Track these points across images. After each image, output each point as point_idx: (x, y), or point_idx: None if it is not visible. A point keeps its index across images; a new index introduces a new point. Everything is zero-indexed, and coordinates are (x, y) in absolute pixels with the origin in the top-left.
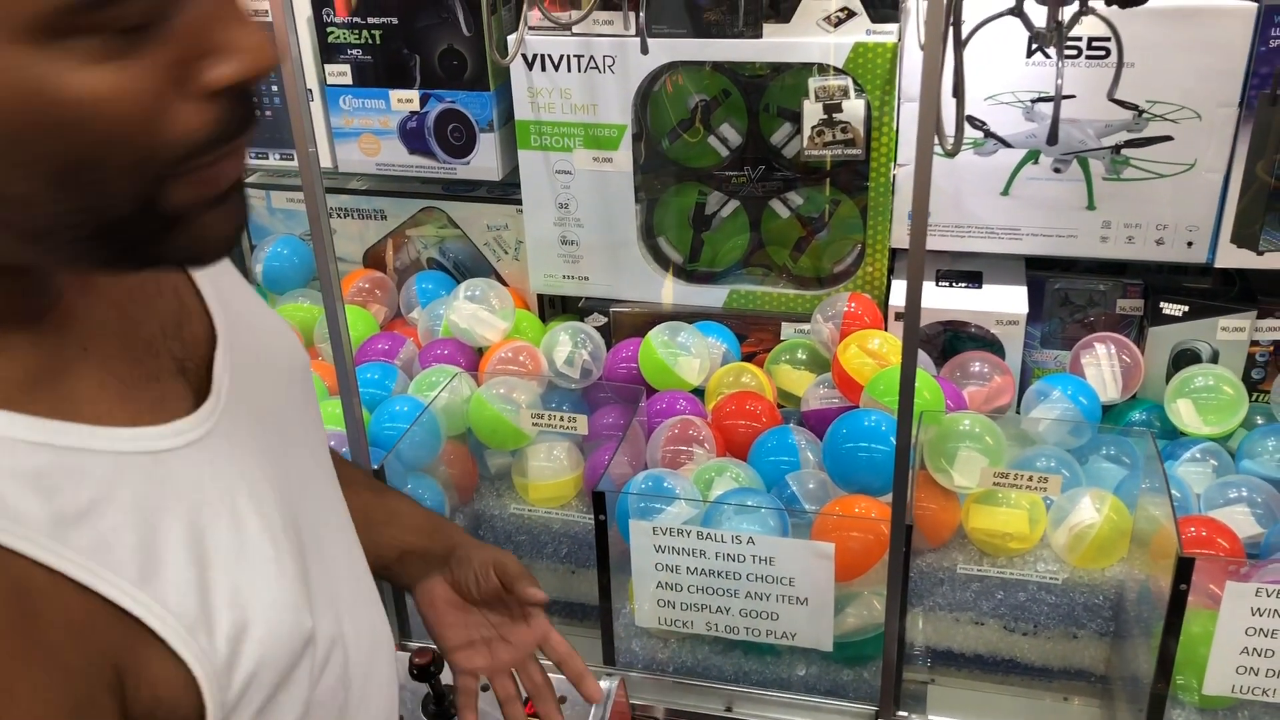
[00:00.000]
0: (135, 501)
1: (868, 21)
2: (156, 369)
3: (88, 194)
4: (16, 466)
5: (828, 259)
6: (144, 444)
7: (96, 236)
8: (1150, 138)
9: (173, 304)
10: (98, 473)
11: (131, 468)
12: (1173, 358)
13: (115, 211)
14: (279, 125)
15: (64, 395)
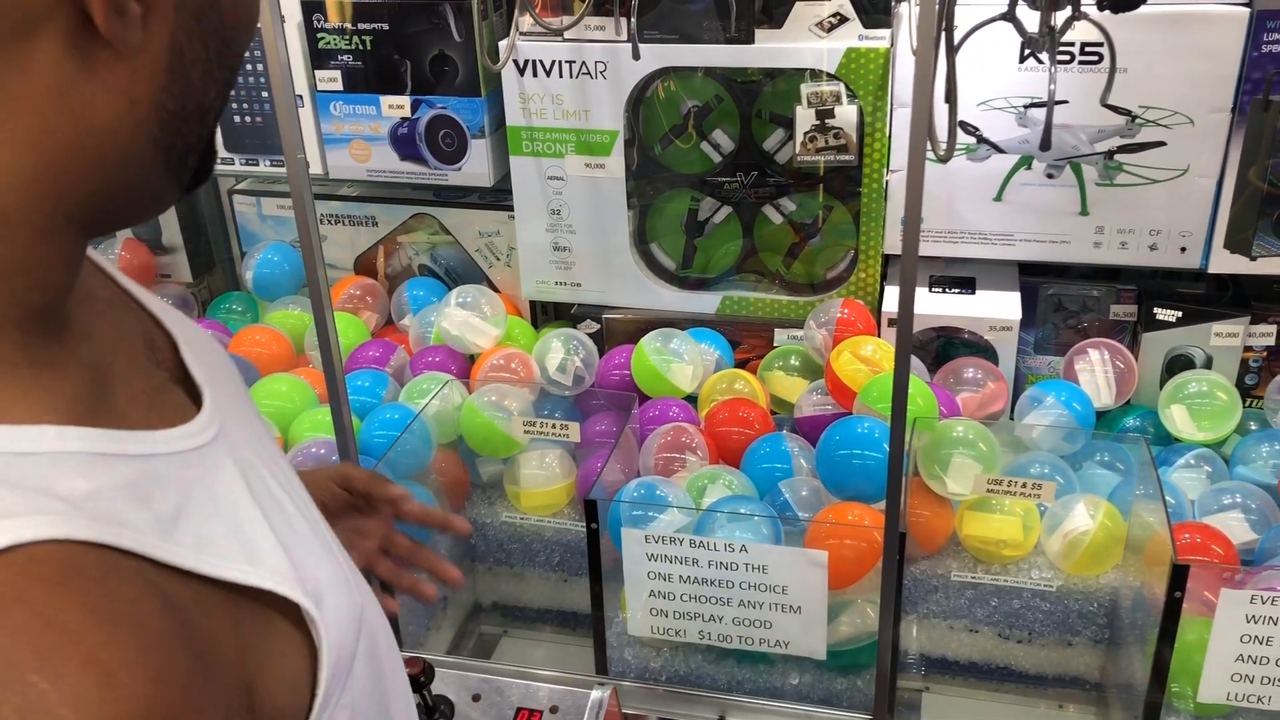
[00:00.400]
0: (209, 494)
1: (860, 27)
2: (160, 379)
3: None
4: (114, 480)
5: (821, 265)
6: (189, 442)
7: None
8: (1143, 143)
9: (138, 319)
10: (170, 474)
11: (190, 465)
12: (1166, 363)
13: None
14: (269, 131)
15: (114, 408)
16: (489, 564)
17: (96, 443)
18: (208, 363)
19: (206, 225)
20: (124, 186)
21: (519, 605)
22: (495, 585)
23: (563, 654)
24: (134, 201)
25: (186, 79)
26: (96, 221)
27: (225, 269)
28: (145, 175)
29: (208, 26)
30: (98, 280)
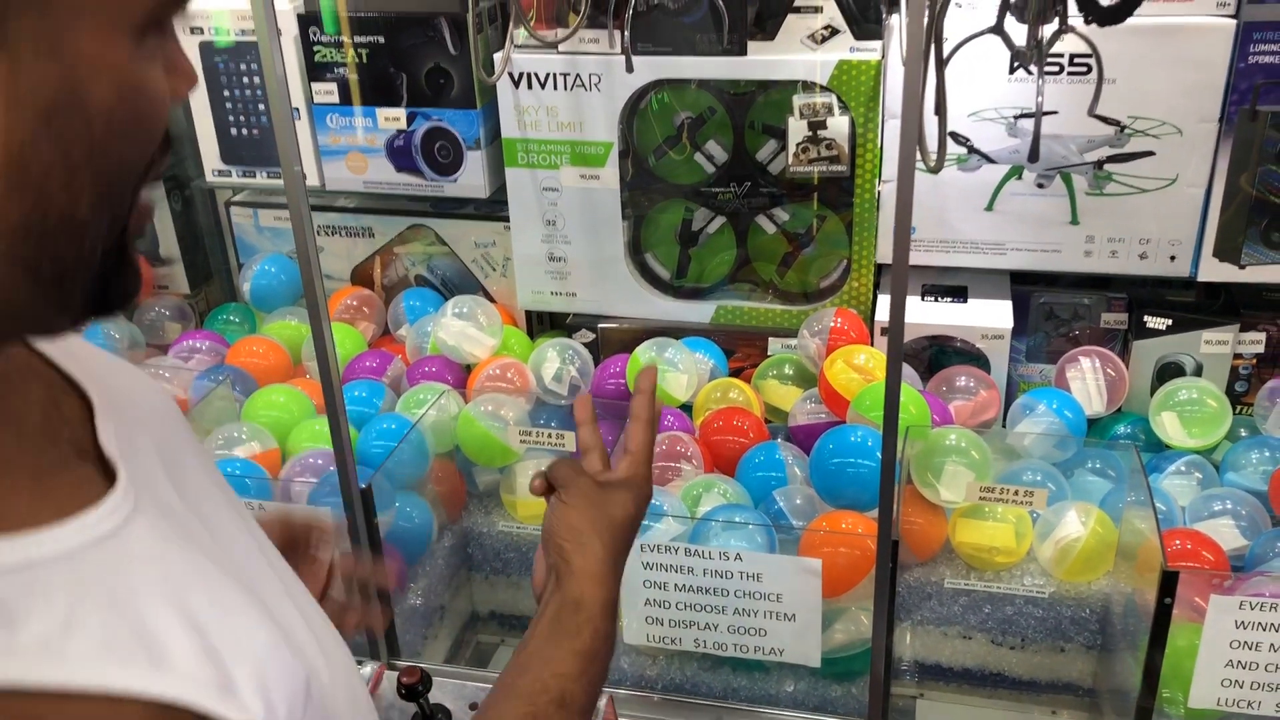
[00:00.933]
0: (108, 595)
1: (851, 39)
2: (60, 456)
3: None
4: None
5: (814, 274)
6: (87, 534)
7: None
8: (1132, 153)
9: (43, 385)
10: (58, 580)
11: (87, 563)
12: (1157, 371)
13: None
14: (266, 144)
15: (16, 508)
16: (486, 573)
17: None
18: (140, 424)
19: (204, 237)
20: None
21: (516, 614)
22: (492, 594)
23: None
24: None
25: (38, 189)
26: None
27: (223, 280)
28: (8, 298)
29: (63, 131)
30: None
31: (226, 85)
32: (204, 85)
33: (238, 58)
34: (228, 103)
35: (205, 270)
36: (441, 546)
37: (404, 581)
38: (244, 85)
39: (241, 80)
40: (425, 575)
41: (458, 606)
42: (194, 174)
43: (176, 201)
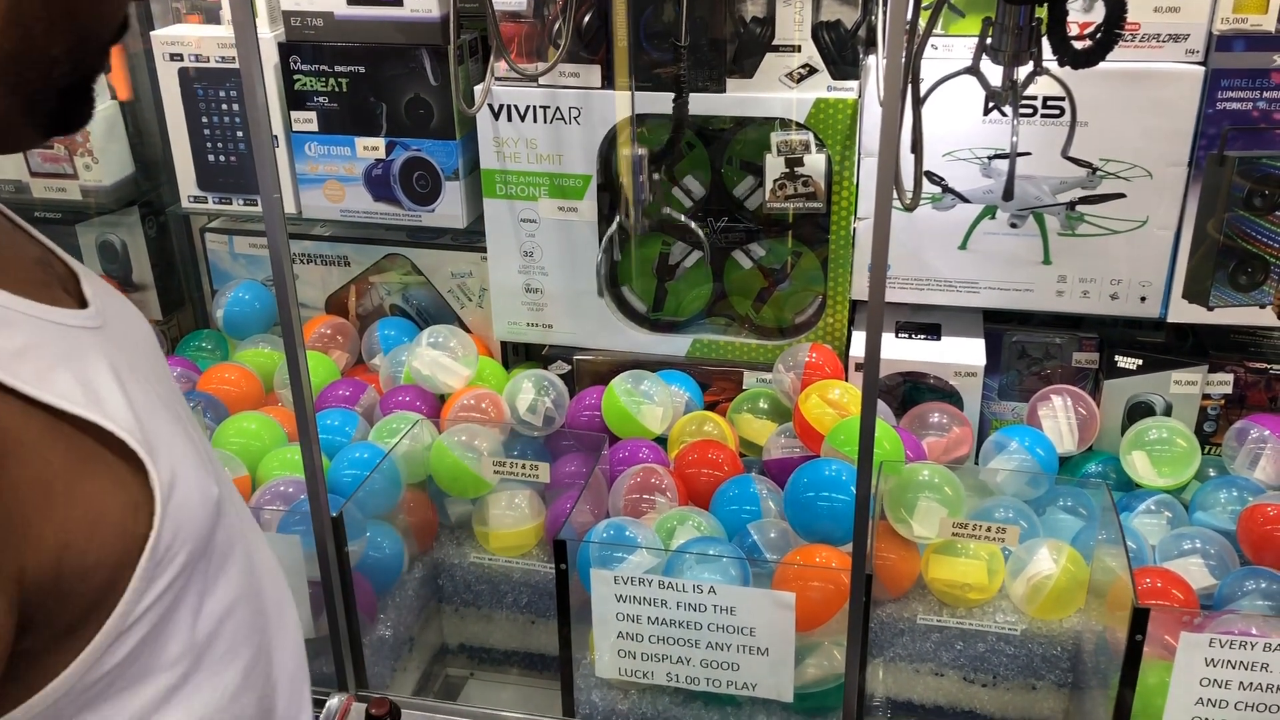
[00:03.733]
0: (61, 355)
1: (829, 78)
2: (47, 278)
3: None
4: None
5: (789, 310)
6: (55, 317)
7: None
8: (1104, 195)
9: (40, 248)
10: (23, 326)
11: (50, 331)
12: (1127, 410)
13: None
14: (243, 171)
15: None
16: (456, 605)
17: None
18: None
19: (178, 263)
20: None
21: (486, 647)
22: (462, 627)
23: (530, 696)
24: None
25: (25, 29)
26: None
27: (195, 306)
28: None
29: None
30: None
31: (205, 112)
32: (182, 112)
33: (217, 84)
34: (205, 129)
35: (178, 296)
36: (412, 577)
37: (373, 612)
38: (222, 112)
39: (220, 107)
40: (395, 606)
41: (427, 638)
42: (169, 200)
43: (151, 227)
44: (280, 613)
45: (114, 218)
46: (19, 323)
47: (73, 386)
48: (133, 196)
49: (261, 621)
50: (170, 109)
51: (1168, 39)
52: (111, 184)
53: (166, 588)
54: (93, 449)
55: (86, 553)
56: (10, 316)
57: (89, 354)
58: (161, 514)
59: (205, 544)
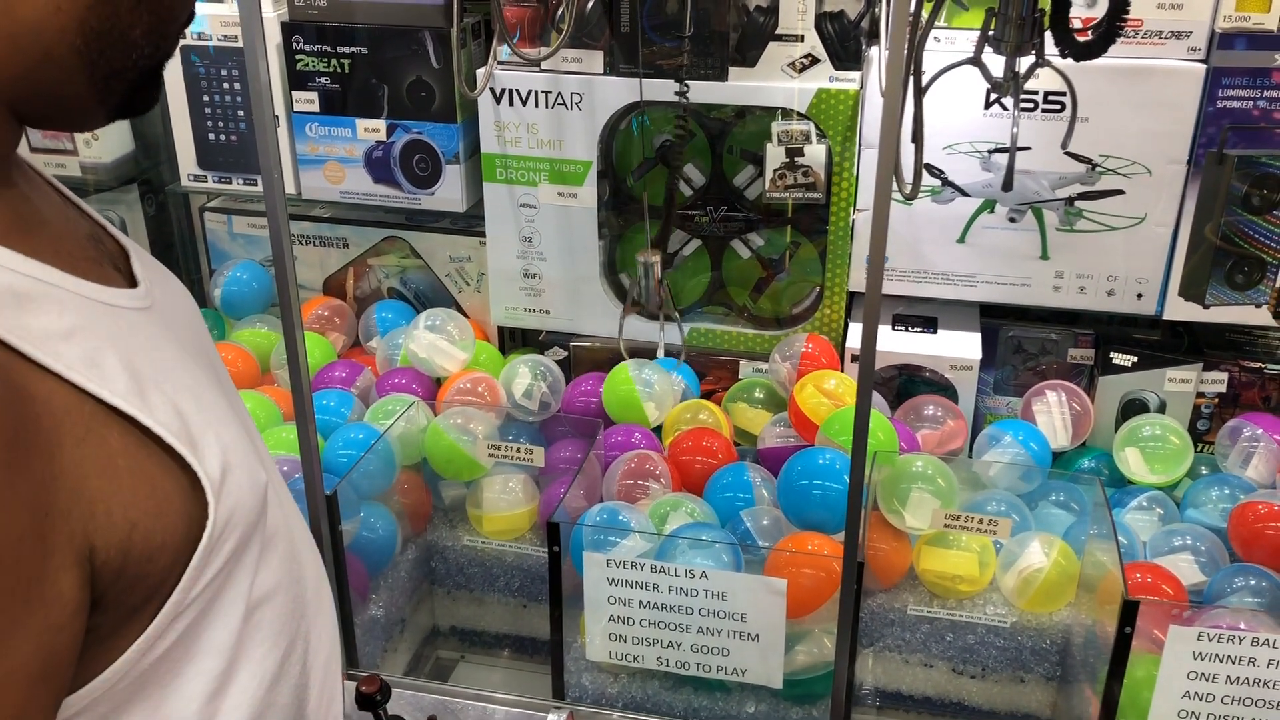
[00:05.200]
0: (109, 337)
1: (831, 69)
2: (98, 255)
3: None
4: (9, 285)
5: (787, 300)
6: (105, 297)
7: (134, 82)
8: (1102, 191)
9: (92, 224)
10: (74, 306)
11: (99, 311)
12: (1122, 407)
13: (155, 65)
14: (243, 150)
15: (33, 246)
16: (448, 588)
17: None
18: (164, 291)
19: (176, 242)
20: (47, 83)
21: (477, 630)
22: (454, 609)
23: (520, 679)
24: (56, 102)
25: (113, 7)
26: (23, 109)
27: (193, 286)
28: (66, 79)
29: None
30: (58, 201)
31: (206, 90)
32: (183, 90)
33: (218, 63)
34: (206, 108)
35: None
36: (405, 559)
37: (366, 592)
38: (224, 91)
39: (221, 86)
40: (387, 587)
41: (419, 620)
42: (169, 178)
43: (150, 205)
44: (318, 600)
45: (113, 195)
46: (69, 303)
47: (119, 374)
48: (132, 174)
49: (300, 609)
50: (172, 86)
51: (1170, 36)
52: (111, 161)
53: (217, 573)
54: (144, 436)
55: (153, 532)
56: (62, 296)
57: (137, 336)
58: (215, 502)
59: (253, 529)
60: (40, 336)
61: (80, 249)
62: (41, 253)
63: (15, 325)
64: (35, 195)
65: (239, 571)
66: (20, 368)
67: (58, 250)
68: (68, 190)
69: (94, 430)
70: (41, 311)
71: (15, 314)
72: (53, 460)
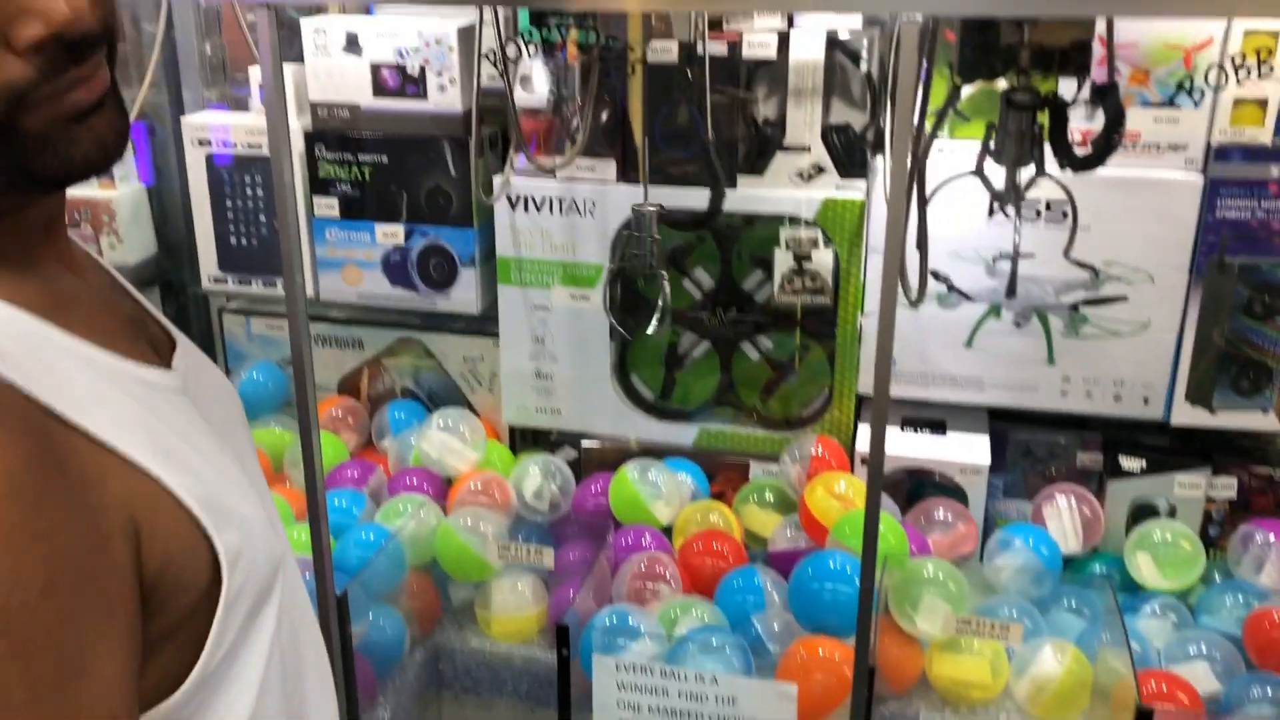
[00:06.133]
0: (139, 410)
1: (837, 178)
2: (135, 336)
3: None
4: (33, 349)
5: (796, 402)
6: (137, 373)
7: None
8: (1106, 297)
9: (136, 308)
10: (104, 377)
11: (129, 384)
12: (1131, 511)
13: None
14: (263, 253)
15: (73, 323)
16: (455, 691)
17: (32, 323)
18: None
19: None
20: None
21: None
22: (461, 713)
23: None
24: None
25: None
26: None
27: None
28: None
29: None
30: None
31: (230, 195)
32: (207, 195)
33: (241, 170)
34: (229, 212)
35: None
36: (413, 661)
37: (374, 694)
38: (246, 196)
39: (244, 191)
40: (395, 690)
41: None
42: (190, 280)
43: (172, 306)
44: (321, 691)
45: None
46: (100, 375)
47: (144, 438)
48: (155, 276)
49: (299, 698)
50: (196, 192)
51: (1167, 148)
52: (135, 263)
53: (225, 643)
54: (169, 496)
55: (184, 570)
56: (93, 369)
57: (164, 411)
58: (229, 575)
59: (260, 606)
60: (71, 401)
61: (118, 328)
62: (77, 328)
63: (48, 389)
64: (78, 275)
65: (243, 647)
66: (55, 425)
67: (93, 327)
68: (119, 276)
69: (132, 476)
70: (71, 380)
71: (48, 380)
72: (103, 491)
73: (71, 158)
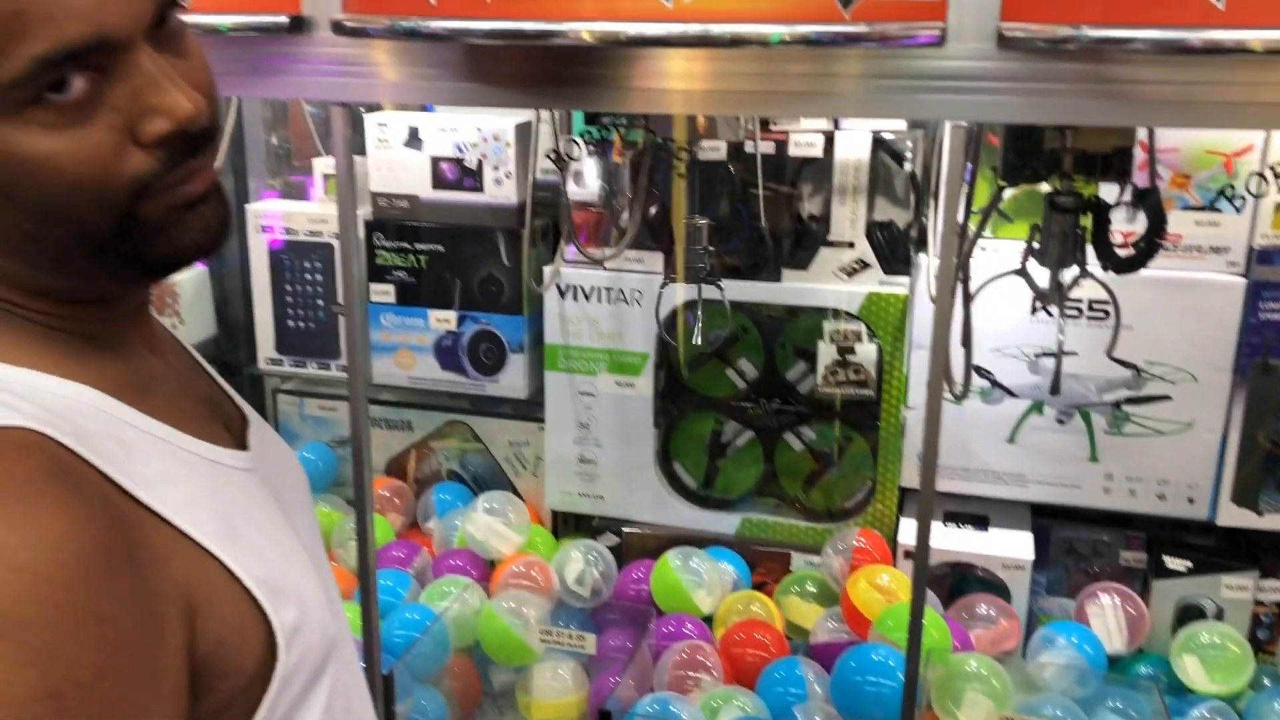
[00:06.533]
0: (208, 490)
1: (880, 273)
2: (210, 416)
3: (71, 224)
4: (112, 429)
5: (839, 494)
6: (208, 453)
7: (97, 251)
8: (1149, 396)
9: (213, 388)
10: (177, 458)
11: (201, 465)
12: (1177, 612)
13: (100, 232)
14: (319, 336)
15: (151, 404)
16: None
17: (113, 406)
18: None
19: None
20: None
21: None
22: None
23: None
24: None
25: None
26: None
27: None
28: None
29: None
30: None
31: (289, 280)
32: (267, 279)
33: (301, 255)
34: (288, 296)
35: None
36: None
37: None
38: (304, 281)
39: (303, 276)
40: None
41: None
42: (247, 361)
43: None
44: None
45: None
46: (173, 455)
47: (211, 519)
48: (213, 356)
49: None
50: (257, 276)
51: (1209, 250)
52: (195, 343)
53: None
54: (231, 577)
55: (236, 651)
56: (166, 449)
57: (234, 491)
58: (285, 652)
59: (313, 684)
60: (144, 481)
61: (195, 409)
62: (154, 408)
63: (123, 469)
64: (160, 356)
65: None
66: (127, 504)
67: (171, 408)
68: (198, 356)
69: (194, 557)
70: (145, 460)
71: (124, 460)
72: (164, 573)
73: (182, 245)
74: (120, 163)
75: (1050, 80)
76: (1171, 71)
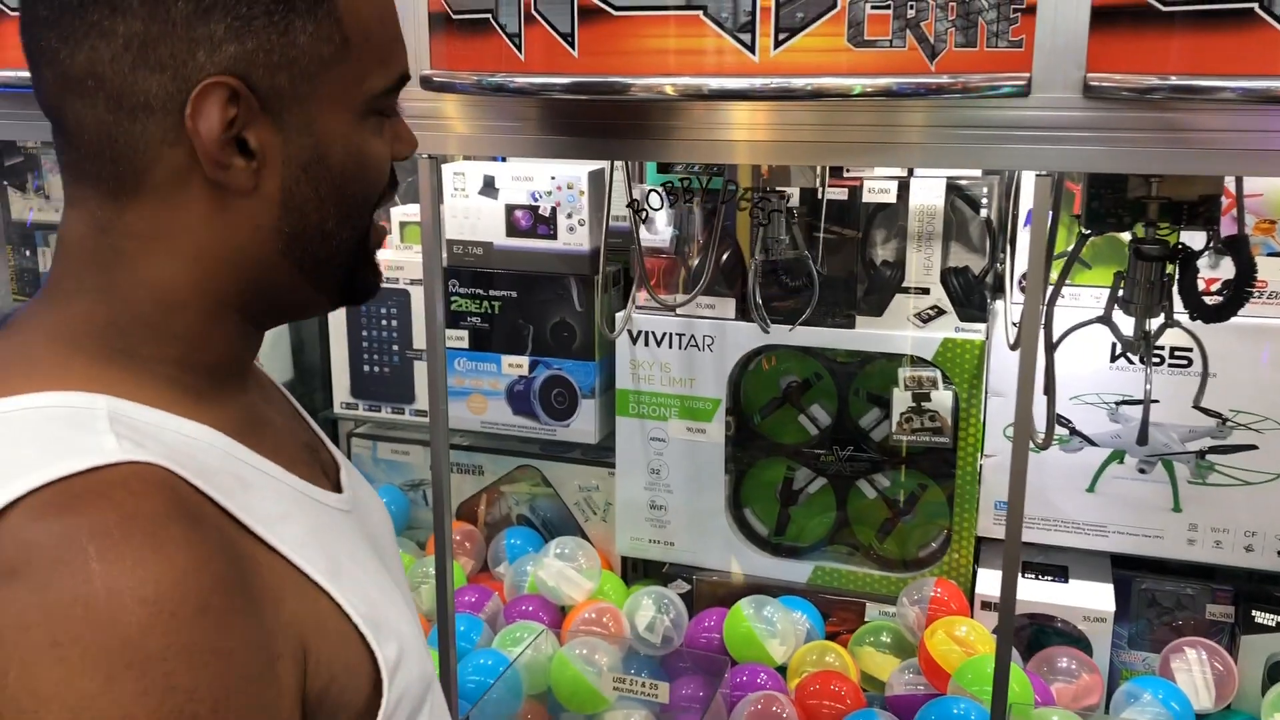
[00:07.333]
0: (316, 529)
1: (956, 320)
2: (312, 461)
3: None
4: (234, 469)
5: (913, 543)
6: (314, 494)
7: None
8: (1234, 445)
9: (310, 434)
10: (288, 496)
11: (308, 504)
12: (1268, 669)
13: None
14: (393, 381)
15: (263, 446)
16: None
17: (232, 446)
18: (364, 499)
19: None
20: (268, 286)
21: None
22: None
23: None
24: (282, 299)
25: (300, 211)
26: (255, 314)
27: None
28: (282, 280)
29: (316, 177)
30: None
31: (365, 326)
32: (344, 324)
33: (377, 301)
34: (364, 342)
35: None
36: None
37: None
38: (380, 327)
39: (379, 322)
40: None
41: None
42: (322, 405)
43: None
44: None
45: None
46: (285, 494)
47: (320, 556)
48: None
49: None
50: (334, 321)
51: None
52: None
53: None
54: (339, 612)
55: (346, 689)
56: (279, 487)
57: (336, 531)
58: (389, 688)
59: (413, 718)
60: (262, 517)
61: (298, 453)
62: (266, 450)
63: (242, 505)
64: (267, 401)
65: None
66: (246, 539)
67: (279, 449)
68: (297, 404)
69: (307, 594)
70: (263, 498)
71: (243, 497)
72: (279, 611)
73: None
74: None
75: (1135, 129)
76: (1258, 120)
